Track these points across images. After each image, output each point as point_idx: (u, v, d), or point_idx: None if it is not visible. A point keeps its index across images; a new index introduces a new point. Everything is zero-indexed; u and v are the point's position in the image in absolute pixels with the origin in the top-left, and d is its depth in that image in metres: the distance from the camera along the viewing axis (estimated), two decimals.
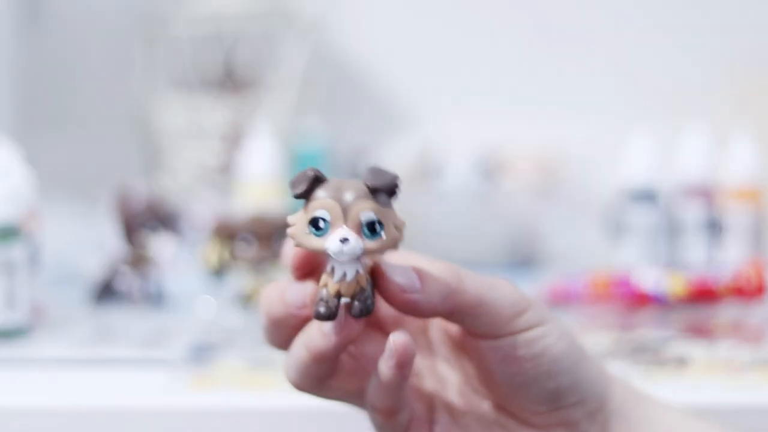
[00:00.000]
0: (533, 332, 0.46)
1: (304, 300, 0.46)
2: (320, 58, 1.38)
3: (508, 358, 0.46)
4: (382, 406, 0.46)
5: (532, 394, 0.47)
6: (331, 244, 0.42)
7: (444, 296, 0.45)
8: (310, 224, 0.43)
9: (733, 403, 0.63)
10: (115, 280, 0.86)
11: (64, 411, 0.62)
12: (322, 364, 0.45)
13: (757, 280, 0.81)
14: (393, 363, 0.44)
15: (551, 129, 1.34)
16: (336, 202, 0.43)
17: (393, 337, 0.44)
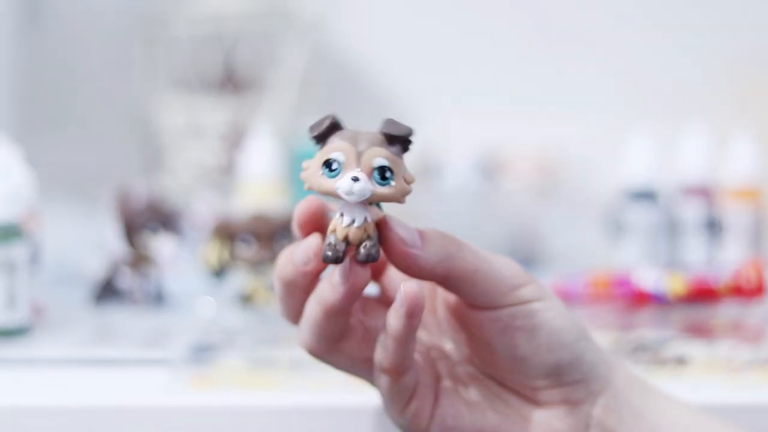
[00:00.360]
0: (532, 305, 0.48)
1: (308, 255, 0.46)
2: (320, 58, 1.38)
3: (508, 329, 0.47)
4: (389, 364, 0.46)
5: (532, 368, 0.48)
6: (342, 183, 0.44)
7: (441, 257, 0.46)
8: (324, 166, 0.44)
9: (732, 402, 0.63)
10: (116, 280, 0.86)
11: (64, 411, 0.62)
12: (334, 319, 0.46)
13: (757, 279, 0.81)
14: (403, 312, 0.45)
15: (551, 129, 1.35)
16: (351, 146, 0.44)
17: (404, 285, 0.45)
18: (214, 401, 0.63)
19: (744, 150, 1.04)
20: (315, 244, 0.47)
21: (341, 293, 0.45)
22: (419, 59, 1.46)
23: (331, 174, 0.44)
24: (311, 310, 0.47)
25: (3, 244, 0.73)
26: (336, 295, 0.46)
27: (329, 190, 0.44)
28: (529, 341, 0.47)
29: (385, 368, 0.47)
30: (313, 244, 0.47)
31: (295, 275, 0.47)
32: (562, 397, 0.48)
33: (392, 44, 1.47)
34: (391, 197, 0.44)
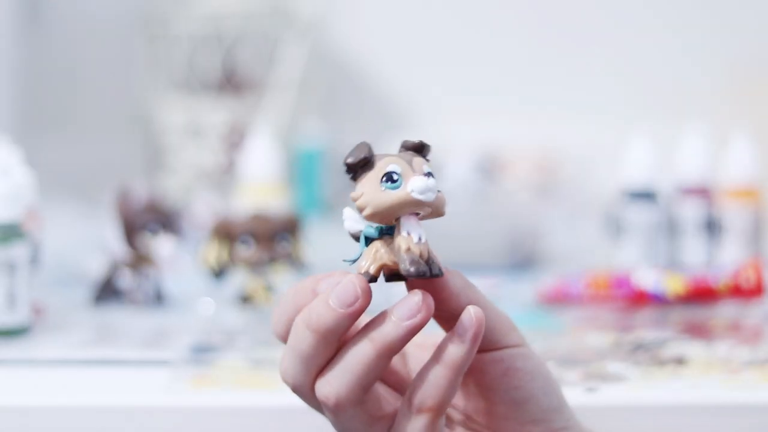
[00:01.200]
0: (525, 349, 0.48)
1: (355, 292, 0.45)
2: (320, 59, 1.38)
3: (509, 370, 0.48)
4: (437, 399, 0.45)
5: (528, 412, 0.48)
6: (417, 184, 0.44)
7: (464, 285, 0.46)
8: (384, 180, 0.44)
9: (731, 402, 0.63)
10: (116, 280, 0.86)
11: (64, 411, 0.63)
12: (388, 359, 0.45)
13: (756, 279, 0.81)
14: (471, 335, 0.45)
15: (551, 129, 1.35)
16: (400, 158, 0.45)
17: (471, 308, 0.45)
18: (214, 401, 0.63)
19: (743, 150, 1.04)
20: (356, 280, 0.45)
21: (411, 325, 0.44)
22: (419, 59, 1.46)
23: (394, 185, 0.44)
24: (360, 354, 0.45)
25: (3, 244, 0.74)
26: (399, 330, 0.44)
27: (401, 199, 0.44)
28: (528, 383, 0.48)
29: (429, 405, 0.45)
30: (355, 280, 0.45)
31: (337, 320, 0.45)
32: None
33: (392, 44, 1.47)
34: (443, 204, 0.45)
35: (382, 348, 0.45)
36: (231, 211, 1.00)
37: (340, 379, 0.46)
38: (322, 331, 0.45)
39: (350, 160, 0.45)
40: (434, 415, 0.46)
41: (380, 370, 0.46)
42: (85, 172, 1.40)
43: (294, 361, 0.47)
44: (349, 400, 0.46)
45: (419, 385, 0.46)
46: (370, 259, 0.45)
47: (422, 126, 1.43)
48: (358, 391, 0.46)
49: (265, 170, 1.08)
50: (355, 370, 0.45)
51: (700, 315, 0.82)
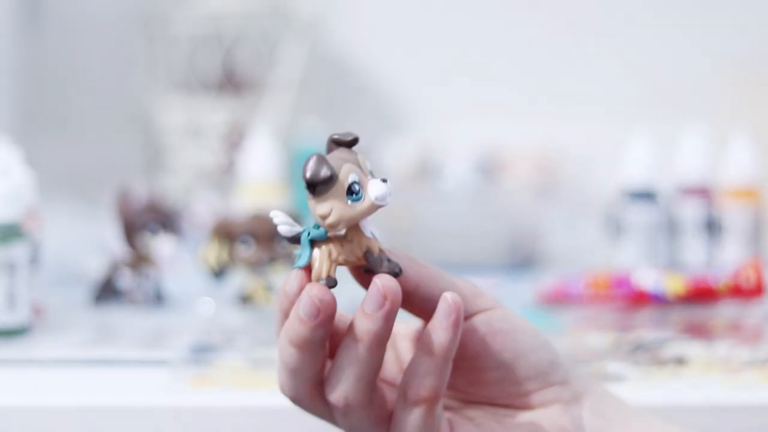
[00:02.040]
0: (499, 311, 0.48)
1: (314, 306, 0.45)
2: (319, 59, 1.38)
3: (488, 335, 0.48)
4: (430, 388, 0.46)
5: (520, 370, 0.48)
6: (378, 191, 0.44)
7: (409, 265, 0.47)
8: (348, 195, 0.44)
9: (731, 402, 0.63)
10: (116, 280, 0.86)
11: (64, 411, 0.63)
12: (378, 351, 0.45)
13: (756, 279, 0.81)
14: (452, 321, 0.45)
15: (551, 129, 1.35)
16: (351, 164, 0.44)
17: (447, 294, 0.45)
18: (214, 401, 0.63)
19: (743, 150, 1.04)
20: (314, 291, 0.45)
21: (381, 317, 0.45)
22: (418, 59, 1.46)
23: (357, 197, 0.44)
24: (352, 354, 0.46)
25: (3, 244, 0.74)
26: (377, 322, 0.45)
27: (368, 209, 0.44)
28: (511, 343, 0.48)
29: (424, 396, 0.46)
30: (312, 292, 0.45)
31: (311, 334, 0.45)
32: (554, 397, 0.49)
33: (392, 44, 1.47)
34: None
35: (369, 343, 0.45)
36: (231, 211, 1.00)
37: (344, 383, 0.46)
38: (301, 345, 0.46)
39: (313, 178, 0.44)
40: (430, 405, 0.46)
41: (376, 365, 0.46)
42: (85, 172, 1.40)
43: (286, 375, 0.48)
44: (357, 400, 0.46)
45: (411, 378, 0.46)
46: (326, 263, 0.45)
47: (422, 126, 1.43)
48: (364, 390, 0.46)
49: (265, 170, 1.08)
50: (354, 370, 0.46)
51: (700, 315, 0.82)
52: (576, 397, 0.49)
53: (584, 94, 1.42)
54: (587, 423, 0.49)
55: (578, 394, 0.49)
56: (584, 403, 0.49)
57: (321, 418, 0.49)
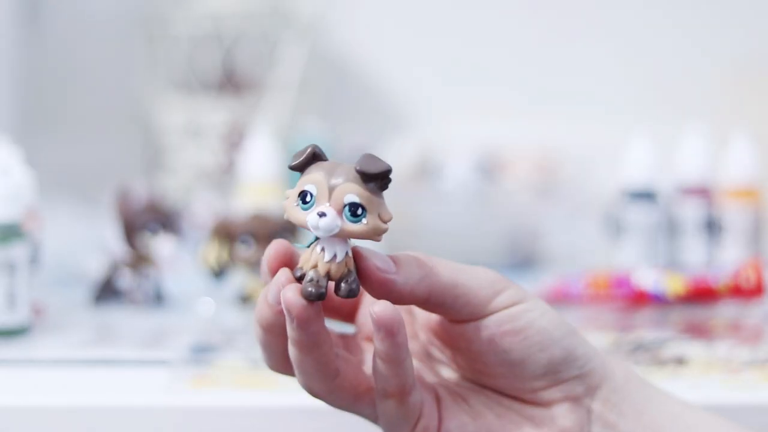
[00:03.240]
0: (515, 308, 0.48)
1: (278, 292, 0.46)
2: (320, 58, 1.38)
3: (496, 336, 0.47)
4: (394, 386, 0.46)
5: (527, 370, 0.48)
6: (310, 218, 0.43)
7: (419, 278, 0.46)
8: (299, 197, 0.44)
9: (731, 402, 0.63)
10: (115, 280, 0.86)
11: (64, 411, 0.63)
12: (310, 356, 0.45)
13: (756, 279, 0.81)
14: (383, 334, 0.44)
15: (551, 129, 1.35)
16: (324, 180, 0.44)
17: (372, 308, 0.44)
18: (214, 401, 0.63)
19: (743, 150, 1.04)
20: (285, 280, 0.45)
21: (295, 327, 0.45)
22: (419, 59, 1.46)
23: (305, 206, 0.44)
24: (293, 354, 0.46)
25: (3, 244, 0.74)
26: (295, 332, 0.45)
27: (301, 223, 0.44)
28: (519, 344, 0.47)
29: (390, 392, 0.46)
30: (283, 280, 0.45)
31: (274, 316, 0.46)
32: (563, 395, 0.48)
33: (392, 44, 1.47)
34: (362, 234, 0.44)
35: (299, 347, 0.45)
36: (231, 211, 1.00)
37: (302, 377, 0.47)
38: (266, 327, 0.47)
39: (293, 163, 0.45)
40: (399, 399, 0.46)
41: (322, 361, 0.46)
42: (85, 172, 1.40)
43: (260, 349, 0.49)
44: (320, 390, 0.47)
45: (376, 376, 0.46)
46: (306, 257, 0.45)
47: (422, 126, 1.43)
48: (323, 381, 0.47)
49: (265, 170, 1.08)
50: (302, 368, 0.46)
51: (700, 315, 0.82)
52: (589, 390, 0.49)
53: (584, 94, 1.42)
54: (597, 417, 0.49)
55: (592, 388, 0.49)
56: (597, 396, 0.49)
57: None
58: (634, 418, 0.49)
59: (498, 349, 0.47)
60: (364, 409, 0.48)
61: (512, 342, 0.47)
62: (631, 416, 0.49)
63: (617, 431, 0.49)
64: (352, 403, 0.48)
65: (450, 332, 0.49)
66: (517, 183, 1.20)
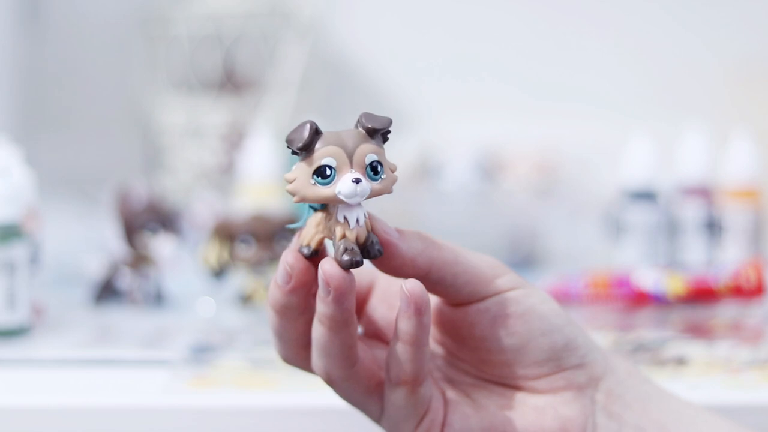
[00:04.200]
0: (516, 292, 0.48)
1: (286, 271, 0.46)
2: (319, 58, 1.38)
3: (498, 318, 0.47)
4: (409, 373, 0.46)
5: (529, 355, 0.48)
6: (344, 188, 0.43)
7: (421, 248, 0.46)
8: (315, 175, 0.43)
9: (732, 402, 0.63)
10: (116, 280, 0.86)
11: (64, 411, 0.63)
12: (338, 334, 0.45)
13: (756, 279, 0.81)
14: (412, 310, 0.45)
15: (551, 129, 1.35)
16: (339, 149, 0.44)
17: (405, 284, 0.45)
18: (214, 401, 0.63)
19: (744, 150, 1.04)
20: (292, 258, 0.46)
21: (331, 302, 0.45)
22: (419, 59, 1.46)
23: (325, 181, 0.43)
24: (318, 335, 0.46)
25: (3, 244, 0.73)
26: (329, 307, 0.45)
27: (328, 198, 0.43)
28: (521, 327, 0.47)
29: (404, 379, 0.46)
30: (290, 259, 0.46)
31: (285, 299, 0.47)
32: (566, 383, 0.48)
33: (392, 44, 1.47)
34: (386, 190, 0.44)
35: (329, 326, 0.45)
36: (231, 211, 1.00)
37: (321, 359, 0.47)
38: (278, 309, 0.47)
39: (297, 145, 0.44)
40: (412, 386, 0.46)
41: (345, 344, 0.46)
42: (85, 172, 1.40)
43: (273, 338, 0.49)
44: (337, 375, 0.47)
45: (391, 361, 0.46)
46: (312, 232, 0.45)
47: (422, 126, 1.43)
48: (341, 366, 0.47)
49: (265, 170, 1.08)
50: (326, 349, 0.46)
51: (701, 315, 0.82)
52: (591, 381, 0.48)
53: (584, 94, 1.42)
54: (600, 408, 0.48)
55: (594, 378, 0.49)
56: (600, 387, 0.49)
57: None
58: (639, 410, 0.49)
59: (500, 333, 0.47)
60: (371, 405, 0.48)
61: (514, 325, 0.47)
62: (636, 408, 0.49)
63: (622, 422, 0.48)
64: (363, 396, 0.48)
65: (453, 320, 0.49)
66: (517, 183, 1.20)
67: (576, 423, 0.48)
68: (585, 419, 0.48)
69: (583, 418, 0.48)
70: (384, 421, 0.48)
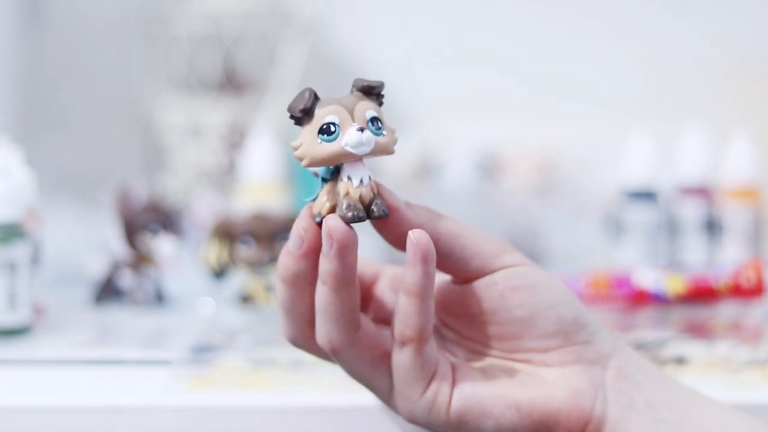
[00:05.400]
0: (523, 268, 0.48)
1: (299, 237, 0.47)
2: (319, 58, 1.38)
3: (507, 290, 0.48)
4: (414, 328, 0.46)
5: (539, 327, 0.48)
6: (350, 138, 0.45)
7: (427, 218, 0.48)
8: (321, 133, 0.45)
9: (731, 402, 0.62)
10: (116, 280, 0.86)
11: (64, 411, 0.63)
12: (342, 293, 0.46)
13: (756, 279, 0.81)
14: (419, 258, 0.45)
15: (551, 129, 1.35)
16: (341, 107, 0.46)
17: (412, 233, 0.45)
18: (214, 401, 0.63)
19: (743, 150, 1.04)
20: (306, 224, 0.47)
21: (333, 257, 0.45)
22: (419, 59, 1.46)
23: (330, 138, 0.45)
24: (321, 297, 0.47)
25: (3, 244, 0.74)
26: (332, 262, 0.45)
27: (335, 153, 0.44)
28: (530, 299, 0.48)
29: (409, 336, 0.46)
30: (304, 224, 0.47)
31: (296, 266, 0.47)
32: (575, 357, 0.48)
33: (392, 44, 1.47)
34: (389, 145, 0.46)
35: (331, 284, 0.46)
36: (231, 211, 1.00)
37: (325, 326, 0.47)
38: (287, 278, 0.48)
39: (299, 107, 0.46)
40: (417, 344, 0.47)
41: (348, 305, 0.46)
42: (85, 172, 1.40)
43: (282, 316, 0.49)
44: (342, 342, 0.47)
45: (397, 319, 0.47)
46: (322, 201, 0.46)
47: (422, 126, 1.43)
48: (345, 331, 0.47)
49: (265, 170, 1.08)
50: (329, 312, 0.47)
51: (701, 315, 0.82)
52: (600, 358, 0.49)
53: (584, 94, 1.42)
54: (611, 385, 0.48)
55: (603, 356, 0.49)
56: (610, 365, 0.49)
57: (322, 359, 0.50)
58: (649, 389, 0.49)
59: (509, 304, 0.48)
60: (378, 379, 0.48)
61: (522, 297, 0.48)
62: (646, 387, 0.49)
63: (633, 399, 0.48)
64: (369, 368, 0.48)
65: (461, 297, 0.49)
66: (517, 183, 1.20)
67: (586, 394, 0.48)
68: (595, 392, 0.48)
69: (593, 390, 0.48)
70: (393, 395, 0.48)
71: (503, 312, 0.48)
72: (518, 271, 0.48)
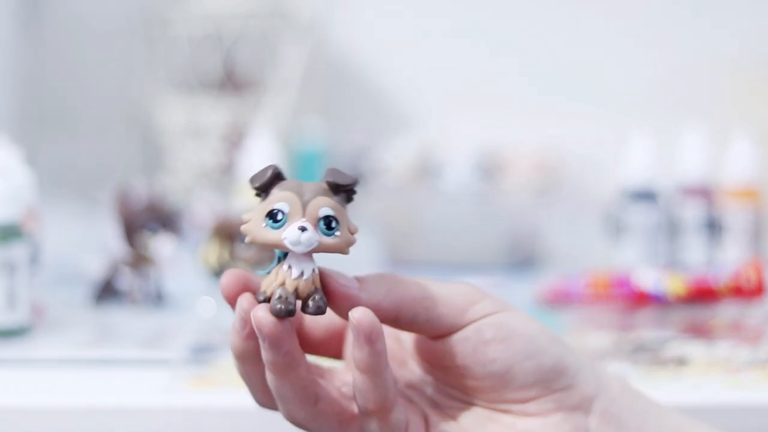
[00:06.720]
0: (495, 317, 0.46)
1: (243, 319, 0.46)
2: (320, 58, 1.38)
3: (479, 345, 0.46)
4: (374, 402, 0.45)
5: (516, 379, 0.47)
6: (290, 234, 0.43)
7: (384, 292, 0.45)
8: (267, 217, 0.44)
9: (731, 402, 0.63)
10: (116, 280, 0.86)
11: (64, 411, 0.62)
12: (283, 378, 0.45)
13: (757, 279, 0.81)
14: (363, 339, 0.44)
15: (551, 129, 1.35)
16: (295, 195, 0.44)
17: (352, 313, 0.44)
18: (214, 401, 0.63)
19: (744, 150, 1.04)
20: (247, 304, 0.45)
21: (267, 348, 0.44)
22: (419, 59, 1.46)
23: (275, 225, 0.43)
24: (269, 380, 0.46)
25: (3, 244, 0.73)
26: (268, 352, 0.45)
27: (275, 242, 0.43)
28: (504, 352, 0.46)
29: (372, 409, 0.45)
30: (245, 305, 0.45)
31: (244, 344, 0.46)
32: (556, 405, 0.47)
33: (392, 44, 1.47)
34: (337, 247, 0.44)
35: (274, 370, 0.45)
36: (231, 211, 1.00)
37: (282, 404, 0.47)
38: (238, 355, 0.47)
39: (255, 184, 0.45)
40: (381, 415, 0.46)
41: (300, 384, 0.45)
42: (85, 172, 1.40)
43: (245, 383, 0.49)
44: (303, 417, 0.47)
45: (355, 393, 0.46)
46: (270, 280, 0.45)
47: (422, 126, 1.43)
48: (303, 408, 0.46)
49: None
50: (281, 393, 0.46)
51: (701, 315, 0.82)
52: (583, 402, 0.47)
53: (585, 94, 1.42)
54: (595, 428, 0.47)
55: (586, 399, 0.47)
56: (593, 408, 0.47)
57: None
58: (635, 428, 0.48)
59: (483, 359, 0.46)
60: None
61: (496, 350, 0.46)
62: (632, 426, 0.48)
63: None
64: (338, 430, 0.47)
65: (434, 352, 0.48)
66: (517, 183, 1.20)
67: None
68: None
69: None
70: None
71: (478, 367, 0.47)
72: (491, 321, 0.46)
